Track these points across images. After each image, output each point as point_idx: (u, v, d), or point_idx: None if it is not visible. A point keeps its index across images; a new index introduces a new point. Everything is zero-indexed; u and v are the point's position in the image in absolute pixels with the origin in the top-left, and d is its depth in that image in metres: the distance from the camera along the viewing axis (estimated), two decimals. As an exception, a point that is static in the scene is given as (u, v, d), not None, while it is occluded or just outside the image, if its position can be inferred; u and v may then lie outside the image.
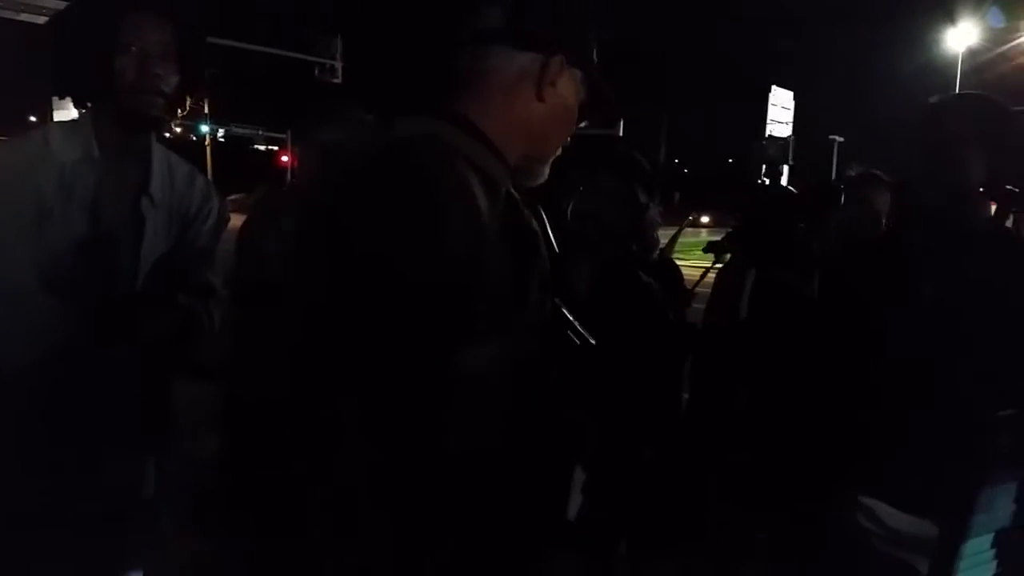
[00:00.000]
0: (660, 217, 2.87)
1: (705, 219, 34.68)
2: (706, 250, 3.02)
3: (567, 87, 1.22)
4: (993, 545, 0.97)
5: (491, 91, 1.17)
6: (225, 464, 1.12)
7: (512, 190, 1.14)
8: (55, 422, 1.59)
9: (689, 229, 4.70)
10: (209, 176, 1.82)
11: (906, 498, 1.10)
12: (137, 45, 1.60)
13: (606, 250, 2.12)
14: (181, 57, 1.66)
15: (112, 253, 1.63)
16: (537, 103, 1.19)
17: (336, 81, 22.99)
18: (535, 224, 1.15)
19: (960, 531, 0.93)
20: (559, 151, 1.27)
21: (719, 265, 3.02)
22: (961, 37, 27.33)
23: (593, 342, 1.22)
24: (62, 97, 1.71)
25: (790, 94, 38.60)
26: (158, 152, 1.74)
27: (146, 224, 1.68)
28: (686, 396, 3.34)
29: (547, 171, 1.26)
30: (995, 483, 1.00)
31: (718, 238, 3.24)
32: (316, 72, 23.29)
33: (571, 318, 1.23)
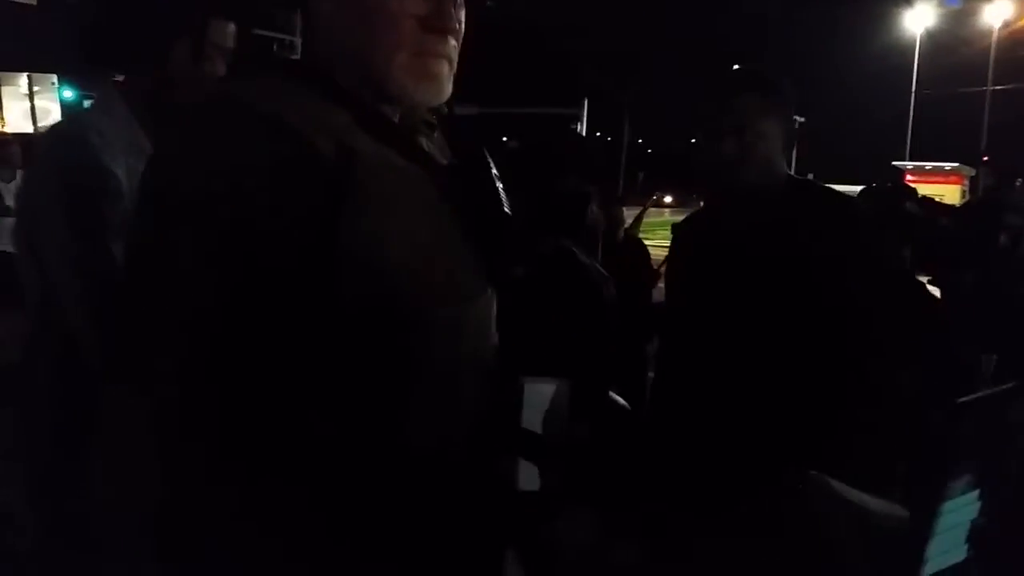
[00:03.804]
0: (609, 211, 2.79)
1: (668, 199, 34.91)
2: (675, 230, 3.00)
3: None
4: (963, 532, 0.97)
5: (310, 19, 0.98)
6: None
7: (360, 142, 0.90)
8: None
9: (652, 209, 4.73)
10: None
11: (873, 482, 1.10)
12: (221, 48, 1.69)
13: (541, 241, 1.99)
14: None
15: None
16: (324, 4, 0.95)
17: (295, 58, 22.62)
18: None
19: (929, 517, 0.93)
20: (452, 57, 0.97)
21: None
22: (918, 19, 27.63)
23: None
24: (121, 73, 1.74)
25: (751, 73, 38.62)
26: None
27: None
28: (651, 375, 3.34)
29: (427, 85, 0.97)
30: (960, 468, 1.00)
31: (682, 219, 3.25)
32: (274, 48, 22.86)
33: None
